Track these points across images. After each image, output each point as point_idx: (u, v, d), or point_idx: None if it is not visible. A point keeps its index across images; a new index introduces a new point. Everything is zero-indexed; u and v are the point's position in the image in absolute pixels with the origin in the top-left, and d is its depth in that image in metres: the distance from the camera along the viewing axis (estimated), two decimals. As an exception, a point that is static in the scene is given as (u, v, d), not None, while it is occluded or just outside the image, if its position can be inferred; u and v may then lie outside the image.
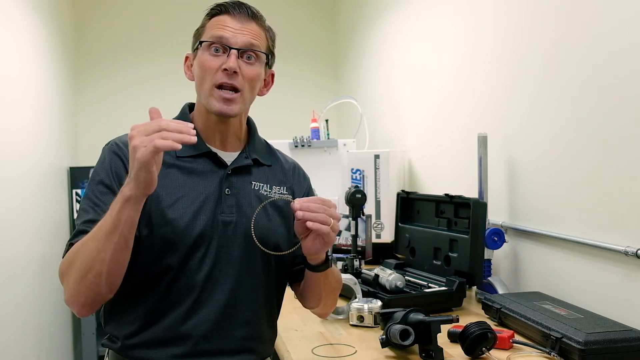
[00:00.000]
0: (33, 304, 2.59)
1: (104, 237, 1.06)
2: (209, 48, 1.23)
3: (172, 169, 1.23)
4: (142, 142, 1.00)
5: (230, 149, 1.30)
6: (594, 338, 1.24)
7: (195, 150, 1.25)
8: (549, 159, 1.71)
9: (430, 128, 2.54)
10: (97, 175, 1.21)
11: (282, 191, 1.33)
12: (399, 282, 1.76)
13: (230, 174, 1.26)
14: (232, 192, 1.25)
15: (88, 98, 3.73)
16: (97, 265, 1.07)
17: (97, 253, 1.07)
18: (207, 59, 1.23)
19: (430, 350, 1.31)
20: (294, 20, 4.02)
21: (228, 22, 1.24)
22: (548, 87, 1.71)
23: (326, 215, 1.14)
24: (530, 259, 1.82)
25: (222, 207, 1.23)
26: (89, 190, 1.20)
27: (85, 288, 1.09)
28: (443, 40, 2.39)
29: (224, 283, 1.22)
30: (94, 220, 1.13)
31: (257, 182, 1.30)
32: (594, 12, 1.52)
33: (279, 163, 1.38)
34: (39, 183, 2.74)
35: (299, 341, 1.51)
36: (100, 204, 1.17)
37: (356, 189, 2.04)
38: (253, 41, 1.24)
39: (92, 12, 3.73)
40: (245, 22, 1.25)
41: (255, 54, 1.25)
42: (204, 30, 1.27)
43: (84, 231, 1.14)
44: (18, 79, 2.49)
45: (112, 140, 1.27)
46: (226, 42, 1.22)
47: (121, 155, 1.21)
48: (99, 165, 1.23)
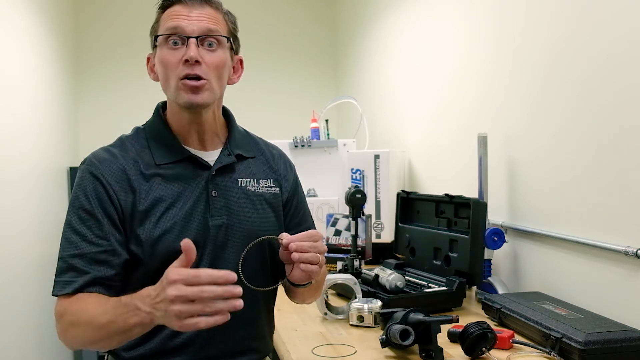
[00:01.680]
0: (33, 304, 2.59)
1: (111, 333, 1.05)
2: (166, 42, 1.18)
3: (155, 178, 1.19)
4: (184, 313, 0.94)
5: (210, 147, 1.26)
6: (594, 338, 1.24)
7: (175, 156, 1.22)
8: (549, 159, 1.71)
9: (430, 128, 2.53)
10: (77, 200, 1.16)
11: (269, 184, 1.30)
12: (399, 282, 1.76)
13: (214, 175, 1.23)
14: (219, 194, 1.22)
15: (88, 98, 3.73)
16: (100, 345, 1.10)
17: (101, 339, 1.08)
18: (167, 54, 1.18)
19: (430, 350, 1.31)
20: (294, 21, 4.02)
21: (180, 10, 1.18)
22: (548, 87, 1.71)
23: (315, 254, 1.13)
24: (530, 259, 1.82)
25: (211, 211, 1.20)
26: (71, 218, 1.16)
27: (84, 349, 1.15)
28: (443, 40, 2.39)
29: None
30: (79, 255, 1.12)
31: (243, 179, 1.27)
32: (594, 13, 1.52)
33: (262, 154, 1.34)
34: (39, 183, 2.74)
35: (299, 341, 1.51)
36: (83, 232, 1.14)
37: (356, 189, 2.04)
38: (210, 26, 1.18)
39: (92, 12, 3.73)
40: (199, 8, 1.19)
41: (216, 39, 1.19)
42: (158, 25, 1.22)
43: (72, 267, 1.12)
44: (18, 79, 2.49)
45: (87, 157, 1.21)
46: (182, 32, 1.17)
47: (101, 177, 1.16)
48: (77, 189, 1.17)
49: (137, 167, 1.19)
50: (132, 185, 1.17)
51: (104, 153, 1.21)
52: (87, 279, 1.12)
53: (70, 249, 1.14)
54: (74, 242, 1.14)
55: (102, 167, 1.17)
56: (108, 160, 1.19)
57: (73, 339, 1.12)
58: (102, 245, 1.14)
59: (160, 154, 1.22)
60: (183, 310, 0.94)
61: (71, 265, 1.12)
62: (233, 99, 3.65)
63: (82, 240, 1.13)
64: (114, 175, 1.17)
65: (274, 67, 3.97)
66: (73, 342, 1.14)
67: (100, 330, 1.06)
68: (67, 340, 1.14)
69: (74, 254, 1.13)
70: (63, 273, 1.13)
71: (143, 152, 1.22)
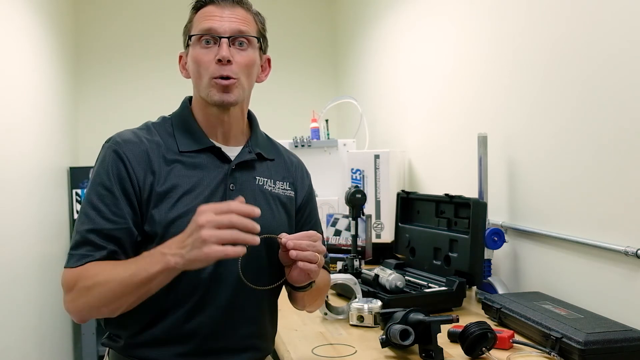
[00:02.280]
0: (33, 304, 2.59)
1: (133, 287, 1.07)
2: (199, 41, 1.23)
3: (176, 165, 1.22)
4: (212, 237, 1.00)
5: (233, 143, 1.29)
6: (594, 338, 1.24)
7: (198, 145, 1.25)
8: (549, 159, 1.71)
9: (430, 128, 2.54)
10: (98, 177, 1.19)
11: (284, 186, 1.33)
12: (399, 282, 1.76)
13: (234, 169, 1.25)
14: (236, 188, 1.24)
15: (88, 98, 3.73)
16: (117, 304, 1.10)
17: (121, 296, 1.09)
18: (200, 53, 1.22)
19: (430, 350, 1.31)
20: (294, 21, 4.02)
21: (213, 11, 1.23)
22: (548, 87, 1.71)
23: (313, 253, 1.15)
24: (530, 259, 1.82)
25: None
26: (90, 193, 1.18)
27: (97, 314, 1.14)
28: (443, 40, 2.39)
29: (229, 281, 1.21)
30: (96, 231, 1.14)
31: (261, 177, 1.29)
32: (594, 12, 1.52)
33: (281, 158, 1.38)
34: (39, 183, 2.74)
35: (299, 341, 1.51)
36: (101, 208, 1.16)
37: (356, 189, 2.04)
38: (242, 27, 1.23)
39: (92, 12, 3.74)
40: (231, 9, 1.23)
41: (247, 39, 1.24)
42: (191, 25, 1.26)
43: (89, 241, 1.14)
44: (18, 79, 2.49)
45: (112, 137, 1.24)
46: (215, 32, 1.21)
47: (123, 156, 1.19)
48: (100, 166, 1.20)
49: (160, 150, 1.23)
50: (153, 167, 1.20)
51: (130, 134, 1.24)
52: (104, 254, 1.14)
53: (87, 224, 1.15)
54: (91, 217, 1.15)
55: (126, 147, 1.20)
56: (132, 141, 1.22)
57: (86, 304, 1.11)
58: (119, 222, 1.16)
59: (184, 142, 1.25)
60: (212, 234, 0.99)
61: (87, 240, 1.14)
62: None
63: (99, 216, 1.15)
64: (136, 156, 1.20)
65: (274, 67, 3.94)
66: (85, 307, 1.12)
67: (121, 285, 1.07)
68: (78, 307, 1.13)
69: (91, 228, 1.15)
70: (79, 246, 1.15)
71: (167, 138, 1.25)
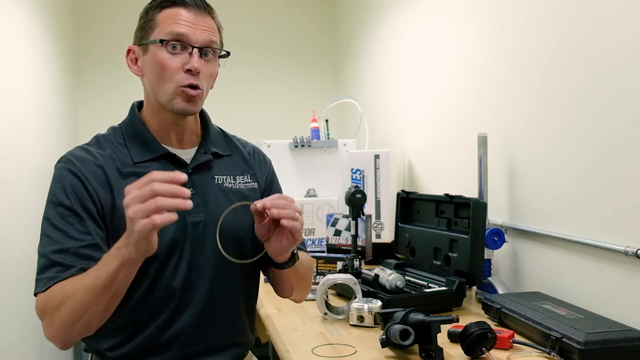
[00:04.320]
0: (33, 304, 2.57)
1: (98, 290, 1.04)
2: (165, 45, 1.18)
3: (131, 178, 1.17)
4: (138, 213, 0.96)
5: (187, 145, 1.28)
6: (594, 338, 1.24)
7: (152, 154, 1.22)
8: (548, 159, 1.71)
9: (430, 128, 2.54)
10: (55, 197, 1.16)
11: (246, 179, 1.32)
12: (399, 282, 1.76)
13: (191, 173, 1.23)
14: (196, 191, 1.23)
15: (88, 98, 3.73)
16: (88, 315, 1.06)
17: (90, 305, 1.05)
18: (166, 58, 1.18)
19: (430, 350, 1.31)
20: (294, 21, 4.02)
21: (184, 16, 1.18)
22: (548, 87, 1.71)
23: (293, 210, 1.12)
24: (530, 259, 1.82)
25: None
26: (50, 214, 1.15)
27: (74, 332, 1.09)
28: (443, 40, 2.39)
29: (202, 285, 1.22)
30: (63, 250, 1.10)
31: (219, 176, 1.28)
32: (593, 12, 1.52)
33: (238, 151, 1.35)
34: (39, 183, 2.74)
35: (299, 341, 1.51)
36: (64, 229, 1.12)
37: (356, 189, 2.04)
38: (212, 37, 1.21)
39: (92, 12, 3.73)
40: (201, 16, 1.20)
41: (213, 50, 1.22)
42: (155, 25, 1.20)
43: (57, 263, 1.10)
44: (18, 79, 2.49)
45: (64, 156, 1.22)
46: (186, 40, 1.18)
47: (80, 175, 1.16)
48: (55, 186, 1.17)
49: (114, 164, 1.20)
50: (110, 183, 1.18)
51: (81, 151, 1.21)
52: (73, 272, 1.10)
53: (52, 245, 1.11)
54: (55, 239, 1.12)
55: (80, 165, 1.17)
56: (86, 159, 1.19)
57: (60, 324, 1.08)
58: (85, 239, 1.13)
59: (138, 152, 1.22)
60: (136, 211, 0.96)
61: (55, 261, 1.10)
62: (233, 99, 3.66)
63: (64, 236, 1.12)
64: (92, 173, 1.17)
65: (274, 67, 3.97)
66: (60, 327, 1.09)
67: (87, 293, 1.04)
68: (55, 330, 1.10)
69: (57, 249, 1.11)
70: (46, 269, 1.11)
71: (120, 150, 1.23)
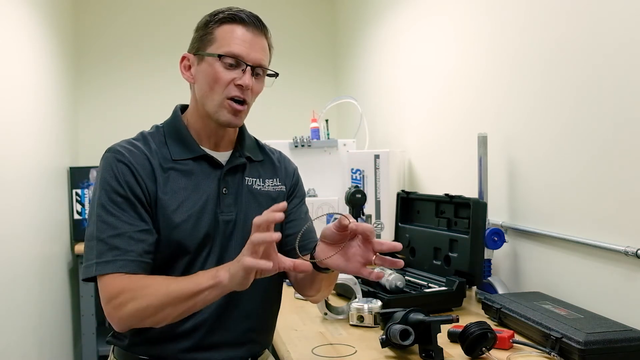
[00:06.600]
0: (33, 304, 2.59)
1: (181, 298, 1.10)
2: (221, 60, 1.25)
3: (171, 172, 1.26)
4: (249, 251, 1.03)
5: (223, 149, 1.34)
6: (594, 338, 1.24)
7: (190, 153, 1.29)
8: (548, 159, 1.71)
9: (430, 128, 2.54)
10: (107, 184, 1.21)
11: (275, 183, 1.39)
12: (399, 282, 1.77)
13: (226, 174, 1.31)
14: (229, 191, 1.30)
15: (88, 98, 3.73)
16: (161, 316, 1.13)
17: (166, 307, 1.12)
18: (221, 71, 1.25)
19: (430, 350, 1.31)
20: (294, 20, 4.02)
21: (242, 36, 1.26)
22: (548, 87, 1.71)
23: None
24: (530, 259, 1.82)
25: (221, 207, 1.28)
26: (104, 200, 1.20)
27: (139, 324, 1.16)
28: (443, 40, 2.39)
29: None
30: (119, 235, 1.17)
31: (249, 178, 1.35)
32: (593, 12, 1.52)
33: (268, 157, 1.43)
34: (39, 183, 2.74)
35: (299, 341, 1.51)
36: (118, 214, 1.19)
37: (356, 189, 2.04)
38: (264, 59, 1.29)
39: (92, 12, 3.73)
40: (258, 37, 1.28)
41: (263, 70, 1.30)
42: (213, 39, 1.26)
43: (114, 247, 1.16)
44: (18, 79, 2.49)
45: (113, 146, 1.27)
46: (242, 59, 1.25)
47: (129, 165, 1.22)
48: (107, 173, 1.22)
49: (157, 159, 1.27)
50: (155, 175, 1.24)
51: (128, 144, 1.27)
52: (131, 257, 1.17)
53: (109, 230, 1.17)
54: (111, 224, 1.18)
55: (129, 156, 1.24)
56: (133, 151, 1.26)
57: (132, 314, 1.13)
58: (140, 225, 1.20)
59: (177, 150, 1.29)
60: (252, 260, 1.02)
61: (113, 245, 1.16)
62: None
63: (120, 221, 1.18)
64: (140, 164, 1.24)
65: (274, 67, 3.96)
66: (132, 316, 1.14)
67: (169, 297, 1.11)
68: (124, 315, 1.14)
69: (114, 234, 1.17)
70: (105, 253, 1.16)
71: (161, 147, 1.30)
